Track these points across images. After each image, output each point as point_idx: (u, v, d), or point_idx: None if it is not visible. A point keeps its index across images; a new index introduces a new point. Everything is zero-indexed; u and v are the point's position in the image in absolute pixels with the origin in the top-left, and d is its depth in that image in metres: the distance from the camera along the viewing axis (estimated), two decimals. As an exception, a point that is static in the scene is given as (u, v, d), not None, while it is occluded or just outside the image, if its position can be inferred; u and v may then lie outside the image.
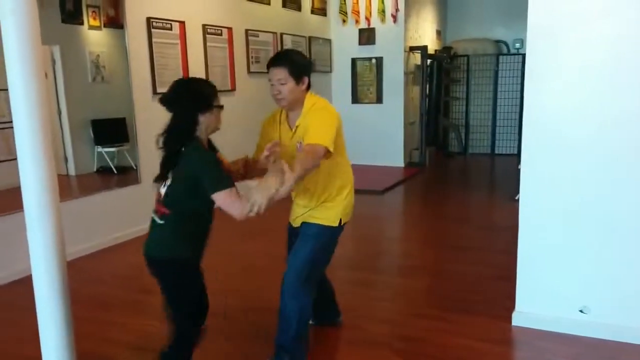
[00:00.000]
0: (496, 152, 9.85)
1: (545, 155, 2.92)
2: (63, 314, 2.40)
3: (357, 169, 3.02)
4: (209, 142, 2.33)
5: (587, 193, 2.88)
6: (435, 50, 9.60)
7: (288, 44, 7.49)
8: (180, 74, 5.55)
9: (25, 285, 3.68)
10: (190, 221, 2.25)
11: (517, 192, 3.29)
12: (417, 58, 8.75)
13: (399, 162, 8.57)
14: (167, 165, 2.26)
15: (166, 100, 2.24)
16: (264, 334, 3.01)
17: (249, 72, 6.71)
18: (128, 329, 3.25)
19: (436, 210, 6.20)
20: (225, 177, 2.17)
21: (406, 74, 8.45)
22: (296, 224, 2.75)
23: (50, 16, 5.11)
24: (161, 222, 2.27)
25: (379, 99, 8.55)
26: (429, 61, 8.87)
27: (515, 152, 9.35)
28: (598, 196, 2.86)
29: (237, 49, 6.46)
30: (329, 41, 8.59)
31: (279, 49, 7.29)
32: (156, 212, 2.30)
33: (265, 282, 3.84)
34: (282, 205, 2.48)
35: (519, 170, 3.08)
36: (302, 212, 2.68)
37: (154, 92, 5.25)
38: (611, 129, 2.78)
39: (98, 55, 5.73)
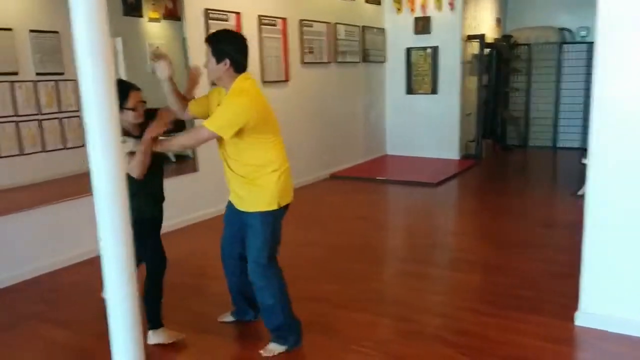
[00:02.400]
0: (558, 145, 9.47)
1: (617, 149, 2.77)
2: (129, 293, 2.49)
3: (412, 161, 2.98)
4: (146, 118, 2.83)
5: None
6: (495, 39, 9.30)
7: (342, 33, 7.45)
8: (236, 65, 5.62)
9: (92, 265, 3.87)
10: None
11: (580, 187, 3.15)
12: (474, 47, 8.51)
13: (454, 154, 8.39)
14: None
15: None
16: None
17: (302, 62, 6.72)
18: (188, 311, 3.35)
19: (492, 205, 6.03)
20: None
21: (463, 63, 8.24)
22: (235, 204, 2.84)
23: (113, 9, 5.29)
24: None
25: (434, 90, 8.39)
26: (487, 50, 8.60)
27: (579, 145, 8.97)
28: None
29: (291, 39, 6.48)
30: (383, 30, 8.48)
31: (333, 39, 7.27)
32: None
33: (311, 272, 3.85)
34: (336, 197, 2.48)
35: (583, 165, 2.95)
36: (234, 196, 2.80)
37: (211, 83, 5.34)
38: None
39: (157, 47, 5.89)
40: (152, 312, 2.93)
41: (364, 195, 6.51)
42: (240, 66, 2.61)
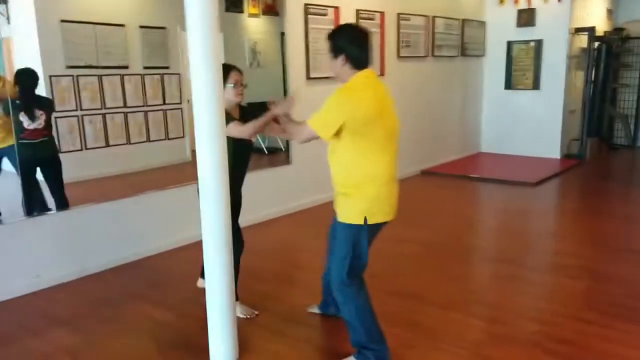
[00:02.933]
0: (672, 146, 8.67)
1: None
2: (227, 280, 2.61)
3: (508, 159, 2.79)
4: (242, 108, 3.20)
5: None
6: (605, 32, 8.64)
7: (440, 27, 7.27)
8: (332, 59, 5.67)
9: (191, 250, 4.07)
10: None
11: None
12: (582, 40, 7.96)
13: (555, 153, 7.93)
14: None
15: None
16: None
17: (398, 56, 6.64)
18: (281, 300, 3.44)
19: (597, 207, 5.64)
20: (227, 121, 2.69)
21: (569, 57, 7.75)
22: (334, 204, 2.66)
23: (217, 5, 5.51)
24: None
25: (536, 85, 7.96)
26: (596, 44, 8.03)
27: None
28: None
29: (388, 33, 6.43)
30: (483, 23, 8.17)
31: (431, 32, 7.12)
32: None
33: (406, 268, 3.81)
34: (428, 193, 2.44)
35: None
36: (335, 193, 2.62)
37: (307, 76, 5.43)
38: None
39: (255, 42, 6.07)
40: None
41: (457, 193, 6.34)
42: (358, 61, 2.42)
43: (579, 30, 7.83)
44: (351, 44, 2.41)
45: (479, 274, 4.03)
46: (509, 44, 8.09)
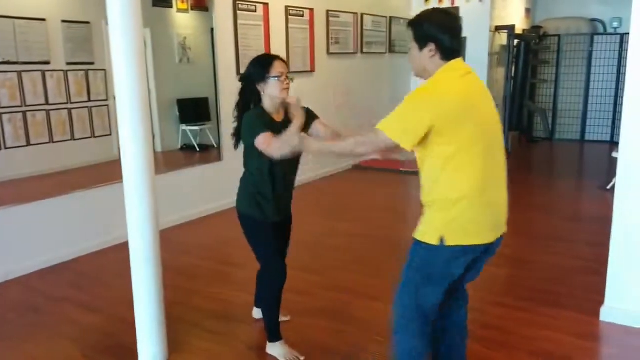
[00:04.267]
0: (586, 138, 9.28)
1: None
2: (156, 279, 2.56)
3: None
4: (286, 113, 2.52)
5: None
6: (524, 30, 9.13)
7: (368, 24, 7.41)
8: (262, 55, 5.65)
9: (119, 251, 3.95)
10: (253, 180, 2.56)
11: (610, 181, 3.10)
12: (503, 38, 8.37)
13: (480, 146, 8.28)
14: (236, 133, 2.58)
15: (240, 77, 2.62)
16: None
17: (328, 53, 6.72)
18: (213, 298, 3.40)
19: (519, 199, 5.95)
20: (260, 128, 2.35)
21: (491, 54, 8.12)
22: None
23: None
24: (241, 177, 2.65)
25: (461, 81, 8.29)
26: (515, 42, 8.46)
27: (608, 139, 8.79)
28: None
29: (318, 30, 6.48)
30: (410, 21, 8.40)
31: (359, 29, 7.24)
32: None
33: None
34: (359, 187, 2.47)
35: (612, 158, 2.90)
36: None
37: (238, 72, 5.38)
38: None
39: (185, 38, 5.95)
40: (268, 323, 2.67)
41: (387, 187, 6.50)
42: (448, 51, 1.97)
43: (499, 28, 8.22)
44: (442, 31, 1.97)
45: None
46: (435, 42, 8.36)
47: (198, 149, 6.12)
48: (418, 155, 2.02)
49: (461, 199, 1.93)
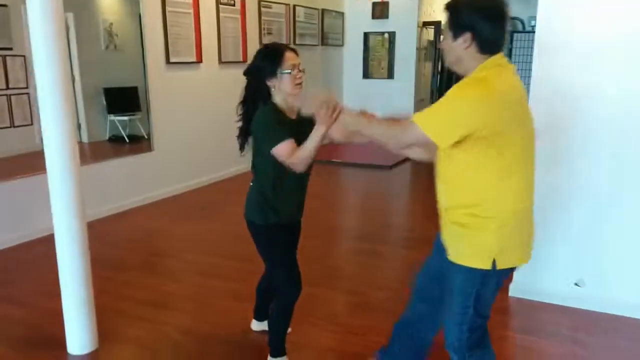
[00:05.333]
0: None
1: (549, 129, 2.96)
2: (83, 270, 2.54)
3: (367, 144, 2.49)
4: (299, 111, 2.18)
5: (580, 168, 2.95)
6: (449, 26, 9.52)
7: (301, 16, 7.48)
8: (193, 44, 5.60)
9: (46, 243, 3.83)
10: (267, 185, 2.25)
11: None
12: (430, 34, 8.70)
13: (408, 138, 8.59)
14: (242, 133, 2.26)
15: (245, 71, 2.28)
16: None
17: (261, 43, 6.73)
18: (142, 287, 3.39)
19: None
20: (281, 133, 2.08)
21: (419, 49, 8.42)
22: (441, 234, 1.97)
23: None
24: (251, 184, 2.35)
25: (390, 75, 8.55)
26: (442, 37, 8.82)
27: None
28: (593, 171, 2.93)
29: (250, 20, 6.48)
30: (341, 14, 8.56)
31: (292, 21, 7.30)
32: None
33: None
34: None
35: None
36: (442, 235, 1.95)
37: (167, 61, 5.31)
38: (621, 106, 2.82)
39: (111, 24, 5.79)
40: (276, 336, 2.49)
41: (320, 177, 6.57)
42: (488, 44, 1.72)
43: (426, 24, 8.54)
44: (483, 18, 1.70)
45: (340, 251, 4.30)
46: (366, 35, 8.58)
47: (127, 140, 5.98)
48: (445, 156, 1.79)
49: (512, 213, 1.74)
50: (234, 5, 6.17)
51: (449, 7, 1.78)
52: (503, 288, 3.22)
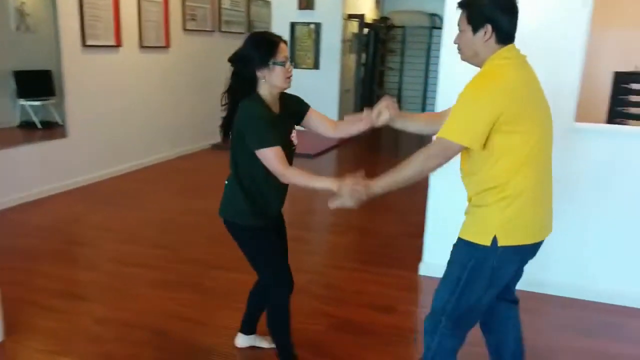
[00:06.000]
0: (426, 122, 10.27)
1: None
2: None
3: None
4: (282, 100, 2.17)
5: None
6: (373, 20, 9.76)
7: (226, 3, 7.41)
8: (112, 27, 5.42)
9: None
10: (253, 183, 2.14)
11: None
12: (354, 26, 8.87)
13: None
14: (225, 124, 2.14)
15: (231, 57, 2.12)
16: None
17: (184, 29, 6.61)
18: (55, 277, 3.29)
19: (367, 174, 6.45)
20: (269, 134, 2.01)
21: (343, 41, 8.58)
22: None
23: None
24: (227, 182, 2.22)
25: (316, 65, 8.65)
26: (366, 30, 9.02)
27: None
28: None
29: (173, 4, 6.35)
30: (268, 3, 8.55)
31: (217, 7, 7.21)
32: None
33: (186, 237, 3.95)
34: (216, 166, 2.56)
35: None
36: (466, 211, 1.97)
37: (84, 44, 5.11)
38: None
39: (23, 2, 5.46)
40: (281, 344, 2.39)
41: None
42: (505, 35, 1.79)
43: (351, 16, 8.70)
44: (503, 11, 1.78)
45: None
46: (293, 25, 8.61)
47: (40, 126, 5.69)
48: (464, 154, 1.86)
49: (519, 195, 1.79)
50: (155, -12, 6.02)
51: (466, 3, 1.83)
52: (413, 268, 3.45)
